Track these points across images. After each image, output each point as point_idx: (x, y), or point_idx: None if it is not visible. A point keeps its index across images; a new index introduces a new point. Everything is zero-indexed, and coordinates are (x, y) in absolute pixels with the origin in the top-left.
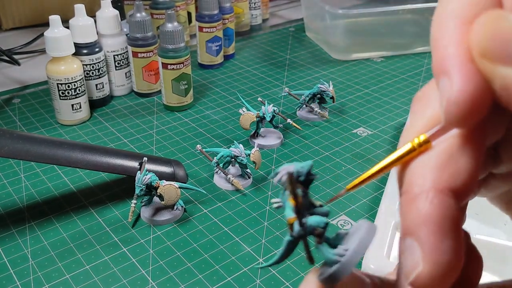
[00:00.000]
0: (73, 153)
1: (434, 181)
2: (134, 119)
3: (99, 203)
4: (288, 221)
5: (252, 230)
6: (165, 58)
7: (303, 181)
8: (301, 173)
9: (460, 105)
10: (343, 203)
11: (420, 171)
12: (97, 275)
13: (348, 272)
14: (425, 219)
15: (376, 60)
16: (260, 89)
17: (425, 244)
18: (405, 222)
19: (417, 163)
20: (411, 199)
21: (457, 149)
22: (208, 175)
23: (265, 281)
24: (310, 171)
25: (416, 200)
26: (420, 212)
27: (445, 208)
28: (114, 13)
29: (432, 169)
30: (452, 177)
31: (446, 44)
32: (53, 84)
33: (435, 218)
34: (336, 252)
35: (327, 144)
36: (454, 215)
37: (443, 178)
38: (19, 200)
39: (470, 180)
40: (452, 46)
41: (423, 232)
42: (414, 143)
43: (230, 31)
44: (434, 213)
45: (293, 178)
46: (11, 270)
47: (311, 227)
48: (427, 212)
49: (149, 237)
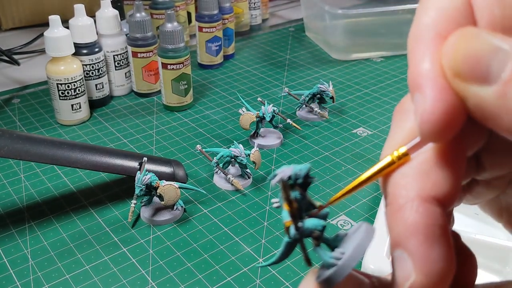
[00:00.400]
0: (73, 153)
1: (417, 190)
2: (134, 119)
3: (99, 203)
4: (284, 225)
5: (252, 230)
6: (165, 58)
7: (301, 183)
8: (299, 176)
9: (432, 122)
10: (343, 203)
11: (403, 182)
12: (97, 275)
13: (344, 275)
14: (412, 229)
15: (376, 60)
16: (260, 89)
17: (415, 255)
18: (393, 234)
19: (399, 174)
20: (397, 210)
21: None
22: (208, 175)
23: (265, 281)
24: (308, 174)
25: (401, 211)
26: (407, 222)
27: (431, 216)
28: (114, 13)
29: (415, 179)
30: (435, 185)
31: (420, 59)
32: (52, 84)
33: (422, 228)
34: (333, 255)
35: (327, 144)
36: (441, 222)
37: (426, 187)
38: (19, 200)
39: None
40: (426, 62)
41: (411, 242)
42: (394, 156)
43: (230, 31)
44: (420, 222)
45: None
46: (11, 270)
47: (308, 230)
48: (413, 222)
49: (149, 237)
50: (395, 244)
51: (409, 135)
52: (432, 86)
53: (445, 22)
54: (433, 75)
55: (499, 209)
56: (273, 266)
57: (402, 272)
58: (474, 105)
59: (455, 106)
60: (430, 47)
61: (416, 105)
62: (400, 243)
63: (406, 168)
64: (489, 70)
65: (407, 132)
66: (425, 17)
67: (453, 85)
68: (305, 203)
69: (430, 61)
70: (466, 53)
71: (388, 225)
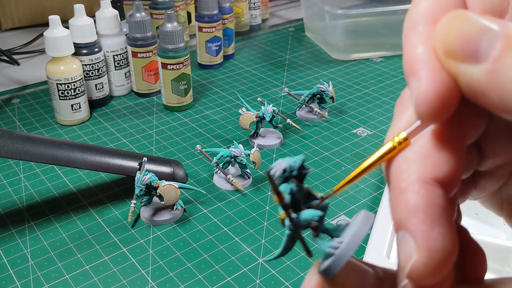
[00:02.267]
0: (73, 153)
1: (418, 173)
2: (134, 119)
3: (99, 203)
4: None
5: (252, 230)
6: (165, 58)
7: (297, 175)
8: (294, 168)
9: (428, 102)
10: (343, 203)
11: (405, 165)
12: (97, 275)
13: (342, 263)
14: (413, 210)
15: (375, 60)
16: (260, 89)
17: (416, 233)
18: (396, 216)
19: (400, 159)
20: (399, 193)
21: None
22: (207, 175)
23: (265, 281)
24: (302, 165)
25: (403, 193)
26: (408, 204)
27: (432, 197)
28: (114, 13)
29: (416, 162)
30: (435, 167)
31: (413, 44)
32: (52, 84)
33: (423, 208)
34: (331, 245)
35: (327, 144)
36: (442, 203)
37: (427, 169)
38: (18, 201)
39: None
40: (419, 46)
41: (413, 222)
42: (394, 142)
43: (230, 31)
44: (421, 203)
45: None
46: (10, 271)
47: (305, 221)
48: (415, 203)
49: (148, 237)
50: (398, 227)
51: (409, 122)
52: (425, 68)
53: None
54: (426, 58)
55: (500, 202)
56: (273, 266)
57: (404, 253)
58: (465, 83)
59: (448, 86)
60: (423, 32)
61: (411, 89)
62: (402, 225)
63: (407, 152)
64: (478, 49)
65: (407, 119)
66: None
67: (445, 65)
68: (302, 195)
69: (423, 45)
70: (457, 33)
71: (391, 209)
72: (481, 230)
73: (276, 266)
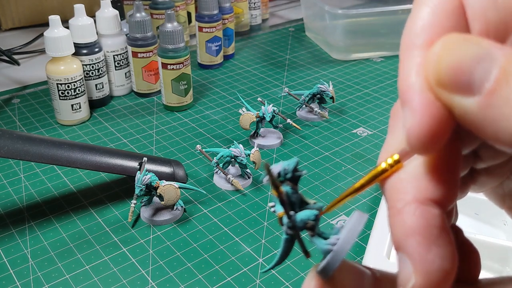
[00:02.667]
0: (73, 153)
1: (414, 193)
2: (134, 119)
3: (99, 203)
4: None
5: (252, 230)
6: (165, 58)
7: (291, 178)
8: (287, 171)
9: (418, 137)
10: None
11: (400, 186)
12: (97, 275)
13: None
14: (410, 232)
15: (375, 60)
16: (260, 89)
17: (413, 256)
18: (394, 237)
19: (396, 178)
20: (395, 214)
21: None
22: (208, 175)
23: (265, 281)
24: (296, 168)
25: (400, 214)
26: (405, 225)
27: (429, 217)
28: (114, 13)
29: (411, 183)
30: (430, 187)
31: (407, 72)
32: (52, 84)
33: (419, 229)
34: (329, 242)
35: (327, 144)
36: (439, 222)
37: (422, 189)
38: (18, 200)
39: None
40: (413, 75)
41: (410, 244)
42: (387, 164)
43: (230, 31)
44: (418, 224)
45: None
46: (10, 270)
47: (302, 221)
48: (411, 225)
49: (148, 237)
50: (397, 247)
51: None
52: (417, 100)
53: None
54: (419, 88)
55: (502, 195)
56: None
57: (403, 274)
58: (459, 115)
59: (440, 120)
60: (418, 58)
61: (404, 118)
62: (400, 246)
63: (402, 172)
64: (471, 80)
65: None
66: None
67: (438, 95)
68: (297, 197)
69: (416, 74)
70: (449, 63)
71: (390, 229)
72: (481, 230)
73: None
